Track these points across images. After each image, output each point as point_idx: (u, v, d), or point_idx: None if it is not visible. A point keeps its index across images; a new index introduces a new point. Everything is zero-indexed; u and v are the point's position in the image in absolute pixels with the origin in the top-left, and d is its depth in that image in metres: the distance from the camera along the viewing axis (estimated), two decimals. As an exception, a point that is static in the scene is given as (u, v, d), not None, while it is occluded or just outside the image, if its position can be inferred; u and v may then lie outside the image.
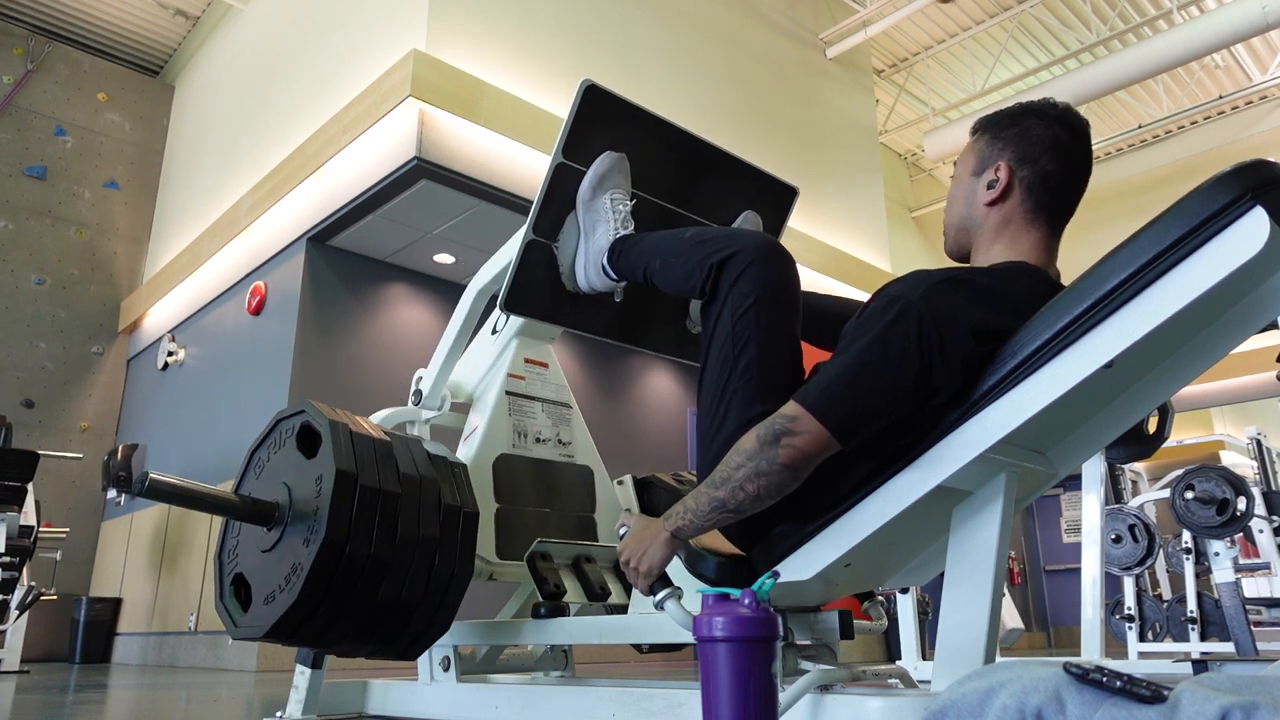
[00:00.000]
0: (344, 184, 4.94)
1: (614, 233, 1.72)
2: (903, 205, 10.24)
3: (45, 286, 6.92)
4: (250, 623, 1.58)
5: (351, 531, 1.50)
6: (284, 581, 1.52)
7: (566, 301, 1.86)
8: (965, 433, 1.17)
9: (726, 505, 1.22)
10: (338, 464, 1.51)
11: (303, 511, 1.55)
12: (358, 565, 1.51)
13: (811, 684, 1.22)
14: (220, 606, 1.67)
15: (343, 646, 1.63)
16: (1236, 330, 1.19)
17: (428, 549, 1.59)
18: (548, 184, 1.75)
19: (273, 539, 1.59)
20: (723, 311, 1.39)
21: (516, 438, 1.97)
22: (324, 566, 1.47)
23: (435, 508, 1.63)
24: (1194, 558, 4.50)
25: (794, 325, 1.42)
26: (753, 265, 1.40)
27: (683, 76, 6.24)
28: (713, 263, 1.43)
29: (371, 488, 1.54)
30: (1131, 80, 7.51)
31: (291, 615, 1.49)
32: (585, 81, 1.74)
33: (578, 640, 1.71)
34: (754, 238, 1.46)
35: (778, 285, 1.41)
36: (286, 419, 1.70)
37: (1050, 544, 10.22)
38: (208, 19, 7.64)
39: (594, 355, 6.40)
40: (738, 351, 1.36)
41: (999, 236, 1.34)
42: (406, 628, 1.62)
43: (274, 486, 1.64)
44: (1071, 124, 1.34)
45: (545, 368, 2.13)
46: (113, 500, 6.70)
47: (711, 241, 1.47)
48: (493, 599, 2.28)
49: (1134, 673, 0.84)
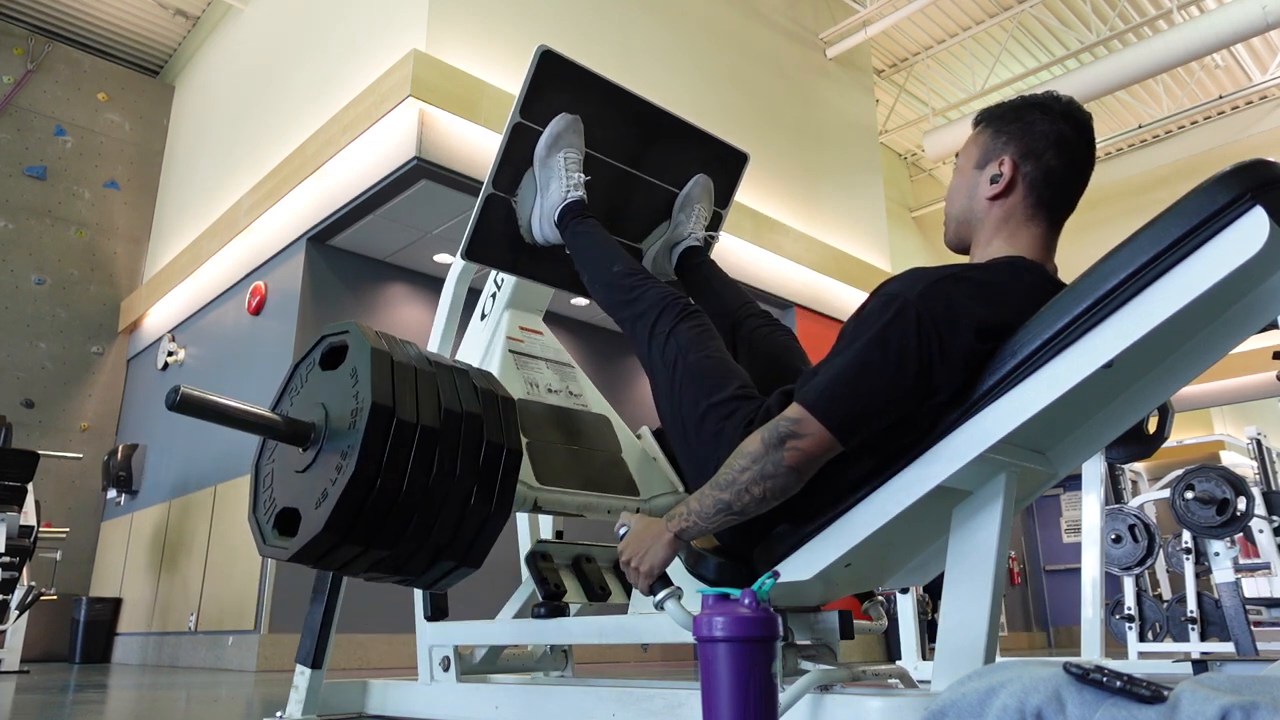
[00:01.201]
0: (344, 184, 4.94)
1: (565, 190, 1.85)
2: (903, 205, 10.24)
3: (45, 286, 6.92)
4: (278, 543, 1.55)
5: (384, 467, 1.44)
6: (314, 505, 1.47)
7: (525, 253, 1.96)
8: (965, 432, 1.17)
9: (732, 508, 1.22)
10: (374, 396, 1.45)
11: (338, 436, 1.49)
12: (387, 500, 1.45)
13: (811, 684, 1.22)
14: (252, 519, 1.63)
15: (369, 575, 1.60)
16: (1236, 330, 1.19)
17: (464, 488, 1.53)
18: (506, 141, 1.86)
19: (307, 460, 1.53)
20: (650, 350, 1.60)
21: (530, 387, 1.97)
22: (351, 500, 1.42)
23: (477, 445, 1.56)
24: (1194, 558, 4.51)
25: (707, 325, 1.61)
26: (661, 317, 1.60)
27: (683, 76, 6.24)
28: (624, 316, 1.68)
29: (409, 423, 1.48)
30: (1131, 80, 7.51)
31: (316, 544, 1.45)
32: (541, 47, 1.84)
33: (578, 640, 1.71)
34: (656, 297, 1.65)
35: (684, 316, 1.60)
36: (332, 335, 1.64)
37: (1050, 544, 10.21)
38: (208, 19, 7.64)
39: (594, 354, 6.41)
40: (673, 370, 1.54)
41: (999, 231, 1.34)
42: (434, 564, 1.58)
43: (312, 406, 1.58)
44: (1076, 119, 1.33)
45: (540, 334, 2.14)
46: (113, 500, 6.70)
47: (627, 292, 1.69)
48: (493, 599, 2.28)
49: (1134, 673, 0.84)
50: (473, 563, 1.61)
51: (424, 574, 1.60)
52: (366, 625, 4.63)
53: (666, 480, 1.98)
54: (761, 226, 6.30)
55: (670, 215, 2.10)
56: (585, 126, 1.90)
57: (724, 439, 1.40)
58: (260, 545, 1.58)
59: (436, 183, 4.65)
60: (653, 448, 2.08)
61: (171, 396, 1.40)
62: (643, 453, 2.02)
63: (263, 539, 1.59)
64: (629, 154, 2.01)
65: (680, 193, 2.09)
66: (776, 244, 6.41)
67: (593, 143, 1.93)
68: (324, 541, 1.45)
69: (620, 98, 1.96)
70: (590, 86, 1.92)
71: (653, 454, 2.06)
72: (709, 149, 2.12)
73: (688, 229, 2.06)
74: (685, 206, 2.08)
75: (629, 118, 1.99)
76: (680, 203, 2.08)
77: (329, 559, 1.51)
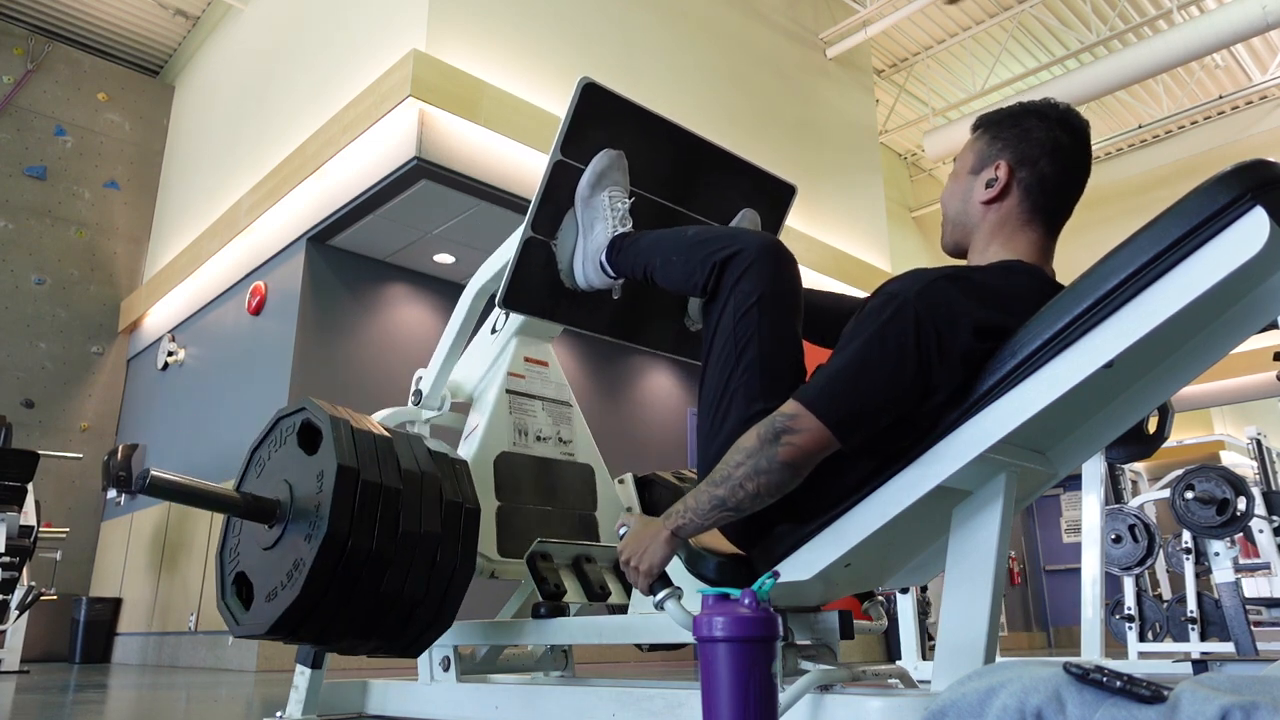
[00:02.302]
0: (344, 184, 4.94)
1: (612, 230, 1.72)
2: (903, 205, 10.24)
3: (45, 286, 6.92)
4: (253, 620, 1.58)
5: (353, 527, 1.50)
6: (286, 578, 1.52)
7: (565, 299, 1.86)
8: (965, 432, 1.17)
9: (727, 503, 1.22)
10: (339, 459, 1.52)
11: (304, 508, 1.55)
12: (360, 560, 1.50)
13: (811, 684, 1.22)
14: (222, 605, 1.67)
15: (345, 643, 1.63)
16: (1236, 330, 1.19)
17: (430, 545, 1.59)
18: (546, 181, 1.76)
19: (274, 536, 1.58)
20: (724, 310, 1.39)
21: (517, 436, 1.97)
22: (326, 562, 1.47)
23: (437, 504, 1.62)
24: (1194, 558, 4.50)
25: (795, 324, 1.42)
26: (755, 264, 1.40)
27: (683, 76, 6.24)
28: (715, 261, 1.43)
29: (373, 483, 1.54)
30: (1131, 80, 7.51)
31: (294, 612, 1.49)
32: (584, 79, 1.74)
33: (578, 640, 1.71)
34: (757, 237, 1.46)
35: (780, 284, 1.41)
36: (287, 416, 1.70)
37: (1050, 544, 10.21)
38: (208, 19, 7.64)
39: (594, 355, 6.40)
40: (740, 350, 1.36)
41: (995, 236, 1.34)
42: (409, 624, 1.62)
43: (275, 484, 1.64)
44: (1072, 126, 1.33)
45: (545, 366, 2.13)
46: (113, 500, 6.70)
47: (714, 240, 1.47)
48: (493, 599, 2.28)
49: (1134, 673, 0.84)
50: (445, 621, 1.67)
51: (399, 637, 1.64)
52: (366, 625, 4.63)
53: None
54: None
55: None
56: (629, 161, 1.80)
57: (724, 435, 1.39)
58: (233, 628, 1.63)
59: (436, 183, 4.65)
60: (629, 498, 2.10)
61: (140, 481, 1.49)
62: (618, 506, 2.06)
63: (235, 621, 1.63)
64: (673, 189, 1.91)
65: None
66: (776, 244, 6.40)
67: (636, 179, 1.83)
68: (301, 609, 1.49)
69: (665, 130, 1.86)
70: (634, 119, 1.82)
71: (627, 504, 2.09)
72: (756, 181, 2.03)
73: None
74: None
75: (674, 151, 1.89)
76: None
77: (306, 628, 1.54)
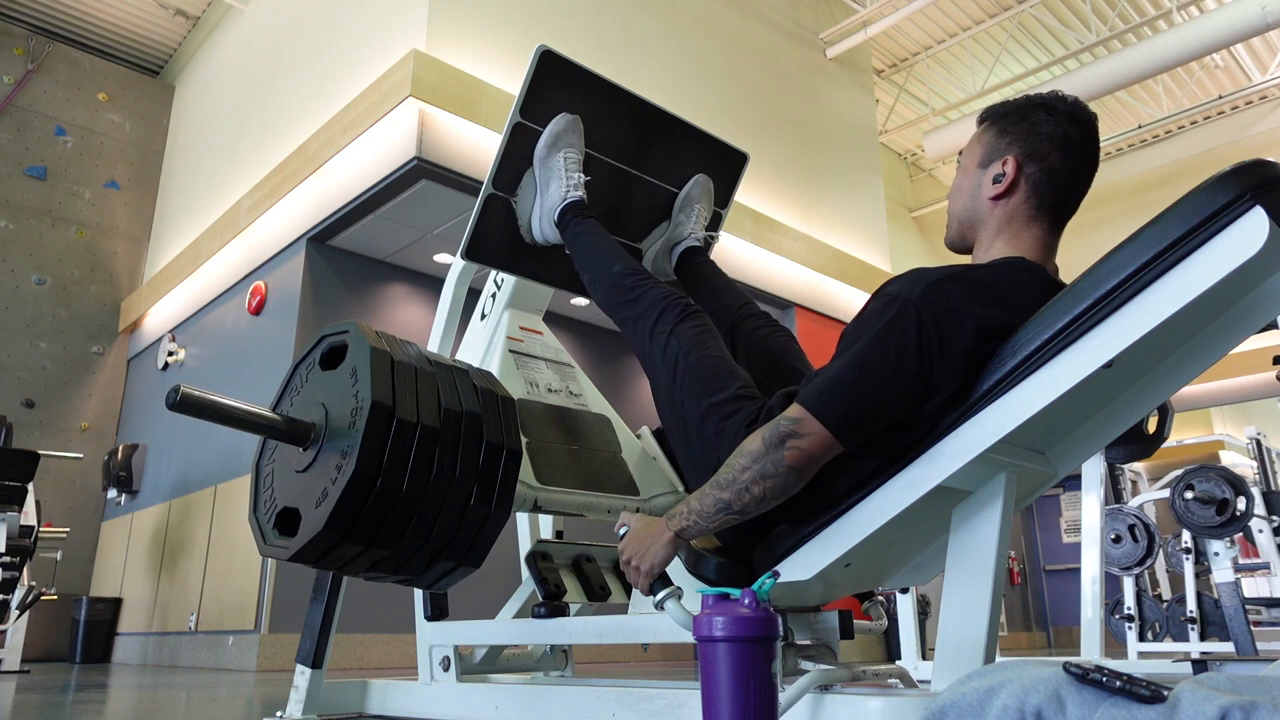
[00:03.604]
0: (344, 184, 4.94)
1: (565, 190, 1.85)
2: (903, 205, 10.24)
3: (45, 286, 6.92)
4: (278, 542, 1.55)
5: (384, 467, 1.44)
6: (314, 505, 1.47)
7: (524, 253, 1.96)
8: (965, 433, 1.17)
9: (732, 507, 1.22)
10: (374, 395, 1.45)
11: (338, 435, 1.49)
12: (388, 499, 1.45)
13: (811, 684, 1.22)
14: (252, 519, 1.63)
15: (369, 574, 1.60)
16: (1236, 330, 1.19)
17: (464, 488, 1.53)
18: (506, 141, 1.86)
19: (307, 459, 1.53)
20: (650, 350, 1.59)
21: (529, 387, 1.97)
22: (351, 499, 1.42)
23: (477, 445, 1.56)
24: (1194, 558, 4.50)
25: (711, 332, 1.59)
26: (661, 317, 1.60)
27: (683, 76, 6.24)
28: (624, 316, 1.67)
29: (409, 422, 1.47)
30: (1131, 80, 7.51)
31: (317, 542, 1.45)
32: (541, 47, 1.83)
33: (578, 640, 1.71)
34: (657, 297, 1.64)
35: (684, 316, 1.59)
36: (332, 335, 1.63)
37: (1050, 544, 10.21)
38: (208, 19, 7.64)
39: (594, 353, 6.41)
40: (673, 370, 1.54)
41: (1001, 232, 1.34)
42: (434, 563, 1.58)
43: (312, 406, 1.58)
44: (1081, 120, 1.33)
45: (540, 334, 2.14)
46: (113, 500, 6.70)
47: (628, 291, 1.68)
48: (493, 599, 2.28)
49: (1134, 673, 0.84)
50: (472, 562, 1.61)
51: (424, 574, 1.60)
52: (366, 625, 4.63)
53: (666, 480, 1.98)
54: (761, 226, 6.30)
55: (670, 215, 2.10)
56: (585, 126, 1.90)
57: (725, 439, 1.40)
58: (260, 545, 1.59)
59: (436, 183, 4.65)
60: (652, 447, 2.08)
61: (172, 396, 1.40)
62: (642, 452, 2.02)
63: (263, 539, 1.59)
64: (629, 154, 2.01)
65: (680, 193, 2.09)
66: (776, 244, 6.41)
67: (592, 142, 1.93)
68: (324, 541, 1.45)
69: (620, 97, 1.96)
70: (590, 86, 1.92)
71: (652, 453, 2.06)
72: (709, 149, 2.12)
73: (687, 229, 2.06)
74: (685, 206, 2.08)
75: (629, 117, 1.99)
76: (680, 203, 2.09)
77: (329, 559, 1.51)
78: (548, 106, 1.87)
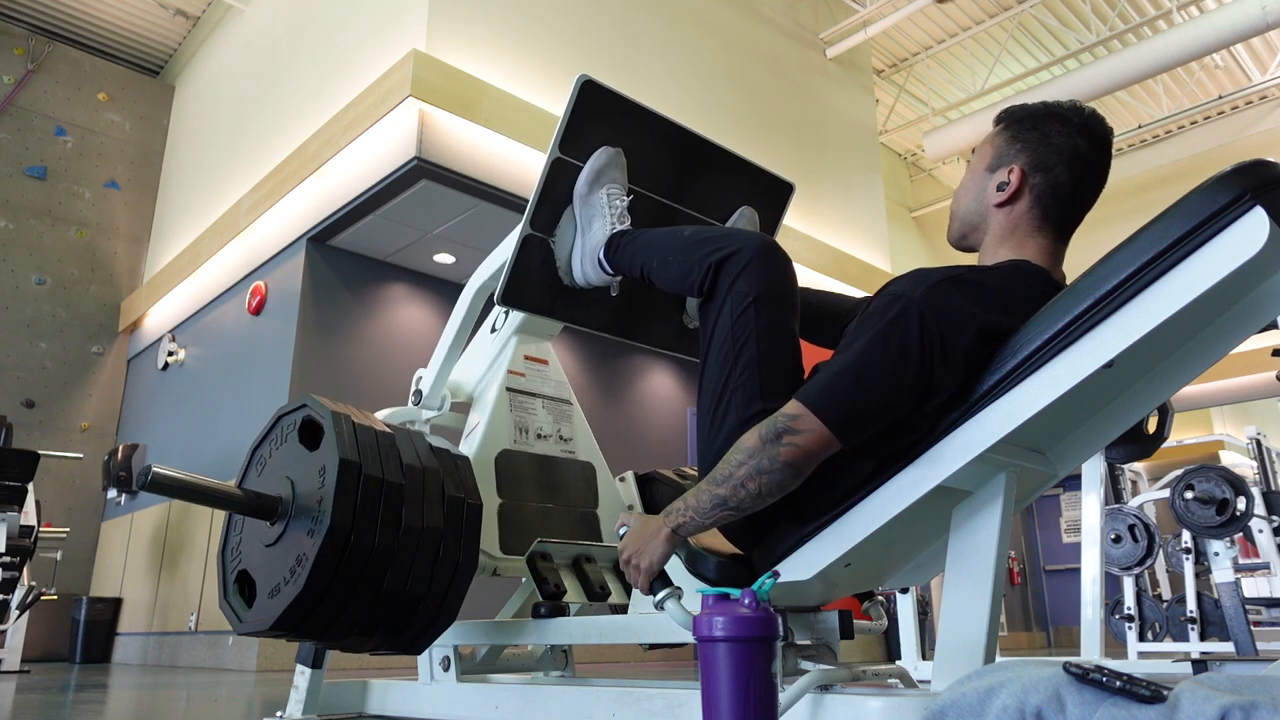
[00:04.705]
0: (344, 184, 4.94)
1: (610, 227, 1.72)
2: (903, 205, 10.23)
3: (45, 286, 6.92)
4: (255, 617, 1.57)
5: (356, 521, 1.49)
6: (289, 574, 1.51)
7: (563, 296, 1.86)
8: (965, 432, 1.17)
9: (728, 503, 1.22)
10: (341, 454, 1.51)
11: (306, 504, 1.54)
12: (363, 556, 1.50)
13: (811, 684, 1.22)
14: (225, 604, 1.66)
15: (348, 640, 1.62)
16: (1236, 330, 1.19)
17: (432, 540, 1.58)
18: (545, 178, 1.76)
19: (276, 533, 1.58)
20: (722, 310, 1.39)
21: (518, 434, 1.97)
22: (329, 556, 1.47)
23: (439, 499, 1.62)
24: (1194, 558, 4.50)
25: (793, 323, 1.41)
26: (751, 264, 1.39)
27: (683, 76, 6.24)
28: (711, 262, 1.43)
29: (375, 477, 1.54)
30: (1131, 80, 7.51)
31: (297, 607, 1.48)
32: (582, 77, 1.75)
33: (578, 640, 1.71)
34: (753, 237, 1.46)
35: (776, 284, 1.40)
36: (288, 414, 1.70)
37: (1050, 544, 10.21)
38: (208, 19, 7.64)
39: (594, 354, 6.40)
40: (737, 350, 1.35)
41: (1006, 239, 1.34)
42: (412, 620, 1.61)
43: (277, 481, 1.63)
44: (1093, 134, 1.32)
45: (545, 364, 2.13)
46: (113, 500, 6.70)
47: (710, 240, 1.47)
48: (493, 599, 2.28)
49: (1134, 673, 0.84)
50: (447, 617, 1.66)
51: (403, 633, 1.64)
52: (366, 625, 4.63)
53: None
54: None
55: None
56: (628, 159, 1.80)
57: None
58: (236, 625, 1.62)
59: (437, 183, 4.65)
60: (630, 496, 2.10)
61: (142, 478, 1.48)
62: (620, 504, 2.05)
63: (239, 619, 1.63)
64: (672, 187, 1.91)
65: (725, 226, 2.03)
66: (776, 244, 6.40)
67: (634, 176, 1.83)
68: (304, 604, 1.48)
69: (664, 128, 1.86)
70: (633, 117, 1.82)
71: (629, 502, 2.08)
72: (754, 180, 2.03)
73: None
74: None
75: (672, 149, 1.89)
76: None
77: (309, 624, 1.53)
78: (589, 139, 1.77)
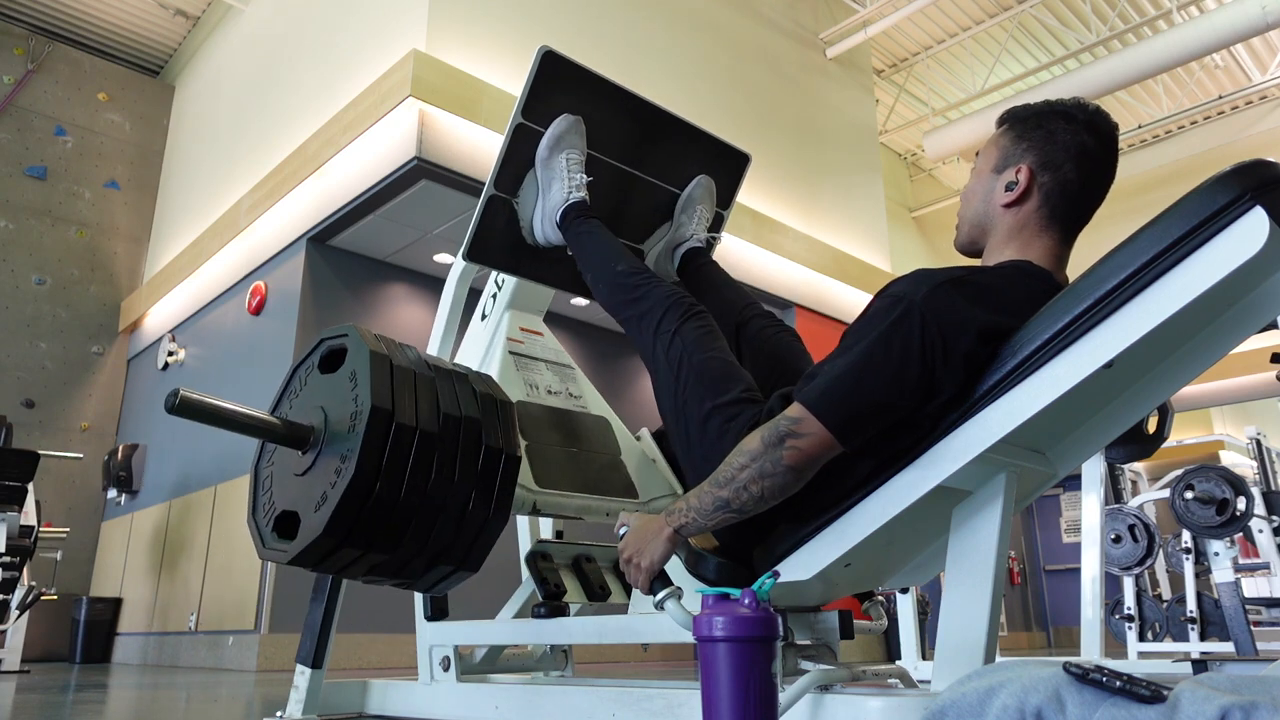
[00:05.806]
0: (344, 184, 4.94)
1: (568, 191, 1.85)
2: (903, 205, 10.23)
3: (45, 286, 6.92)
4: (277, 546, 1.54)
5: (383, 471, 1.44)
6: (312, 510, 1.47)
7: (527, 255, 1.96)
8: (965, 433, 1.17)
9: (730, 505, 1.22)
10: (374, 400, 1.45)
11: (338, 436, 1.48)
12: (386, 505, 1.45)
13: (811, 684, 1.22)
14: (251, 523, 1.63)
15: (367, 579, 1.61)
16: (1236, 330, 1.19)
17: (462, 493, 1.53)
18: (508, 143, 1.86)
19: (306, 463, 1.53)
20: (654, 350, 1.59)
21: (529, 389, 1.97)
22: (350, 504, 1.42)
23: (476, 449, 1.56)
24: (1194, 558, 4.50)
25: (715, 333, 1.59)
26: (666, 316, 1.60)
27: (683, 77, 6.24)
28: (625, 316, 1.67)
29: (408, 426, 1.47)
30: (1131, 80, 7.51)
31: (315, 547, 1.45)
32: (542, 47, 1.83)
33: (578, 640, 1.71)
34: (661, 296, 1.64)
35: (686, 318, 1.59)
36: (331, 338, 1.63)
37: (1050, 544, 10.21)
38: (208, 19, 7.64)
39: (594, 353, 6.41)
40: (676, 370, 1.54)
41: (1012, 240, 1.33)
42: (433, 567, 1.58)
43: (311, 409, 1.58)
44: (1100, 131, 1.32)
45: (540, 335, 2.14)
46: (113, 500, 6.70)
47: (631, 290, 1.69)
48: (493, 599, 2.28)
49: (1134, 673, 0.84)
50: (471, 566, 1.61)
51: (422, 577, 1.60)
52: (366, 625, 4.63)
53: (665, 483, 1.98)
54: (762, 226, 6.30)
55: (672, 216, 2.10)
56: (587, 127, 1.89)
57: (727, 441, 1.39)
58: (260, 548, 1.59)
59: (436, 183, 4.65)
60: (652, 449, 2.08)
61: (170, 400, 1.40)
62: (642, 455, 2.02)
63: (262, 542, 1.59)
64: (631, 155, 2.01)
65: (682, 194, 2.09)
66: (776, 244, 6.41)
67: (595, 143, 1.93)
68: (323, 545, 1.45)
69: (622, 98, 1.96)
70: (592, 87, 1.91)
71: (651, 456, 2.06)
72: (711, 150, 2.12)
73: (690, 230, 2.06)
74: (687, 208, 2.08)
75: (631, 118, 1.99)
76: (682, 204, 2.08)
77: (328, 562, 1.51)
78: (550, 107, 1.86)
